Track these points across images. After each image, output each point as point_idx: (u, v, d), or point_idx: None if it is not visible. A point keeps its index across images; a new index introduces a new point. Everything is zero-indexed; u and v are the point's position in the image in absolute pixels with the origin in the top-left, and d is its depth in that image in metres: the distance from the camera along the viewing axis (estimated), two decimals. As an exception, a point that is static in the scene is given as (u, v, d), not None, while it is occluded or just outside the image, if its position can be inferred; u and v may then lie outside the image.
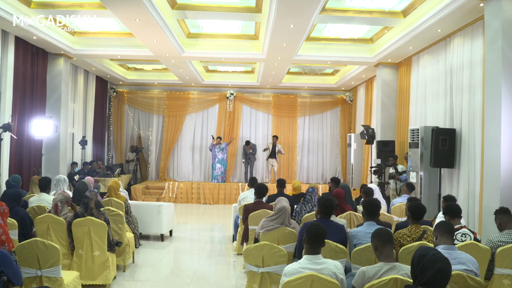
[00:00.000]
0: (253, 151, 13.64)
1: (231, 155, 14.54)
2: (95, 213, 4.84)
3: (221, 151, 13.43)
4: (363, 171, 12.67)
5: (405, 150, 9.59)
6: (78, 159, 11.76)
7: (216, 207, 12.20)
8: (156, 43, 9.26)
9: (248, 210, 5.71)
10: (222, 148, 13.45)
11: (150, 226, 7.60)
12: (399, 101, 10.26)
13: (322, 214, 4.21)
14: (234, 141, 14.49)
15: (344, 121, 14.93)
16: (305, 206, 5.77)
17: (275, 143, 13.41)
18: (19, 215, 4.81)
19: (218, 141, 13.51)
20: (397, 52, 9.33)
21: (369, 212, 4.13)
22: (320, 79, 14.16)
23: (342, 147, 14.83)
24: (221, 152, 13.42)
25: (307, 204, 5.74)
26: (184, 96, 14.79)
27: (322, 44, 10.10)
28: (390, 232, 3.08)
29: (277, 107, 14.85)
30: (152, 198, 12.47)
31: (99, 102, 13.34)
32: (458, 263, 3.06)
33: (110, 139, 14.55)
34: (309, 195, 5.80)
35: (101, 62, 11.89)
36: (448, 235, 3.24)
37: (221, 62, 11.70)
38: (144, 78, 14.14)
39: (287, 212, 4.63)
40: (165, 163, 14.59)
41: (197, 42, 10.11)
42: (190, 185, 12.85)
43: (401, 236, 3.87)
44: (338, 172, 14.93)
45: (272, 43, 8.98)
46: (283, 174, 14.54)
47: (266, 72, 12.10)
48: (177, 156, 14.81)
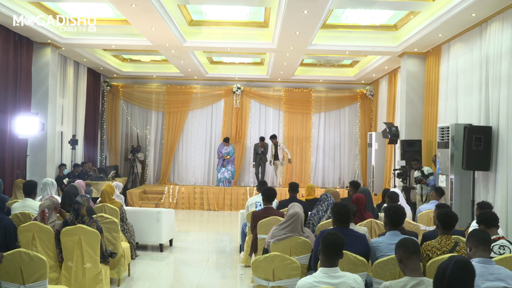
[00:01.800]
0: (265, 150, 13.63)
1: (238, 157, 14.54)
2: (87, 221, 4.84)
3: (228, 154, 13.45)
4: (385, 174, 12.59)
5: (433, 150, 9.50)
6: (67, 160, 11.82)
7: (221, 214, 12.19)
8: (155, 32, 9.26)
9: (256, 217, 5.70)
10: (228, 152, 13.45)
11: (148, 235, 7.60)
12: (426, 96, 10.18)
13: (338, 223, 4.19)
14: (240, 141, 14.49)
15: (364, 118, 14.86)
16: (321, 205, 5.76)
17: (276, 144, 13.42)
18: (3, 223, 4.73)
19: (225, 144, 13.57)
20: (424, 40, 9.23)
21: (393, 220, 4.08)
22: (337, 71, 14.09)
23: (362, 147, 14.75)
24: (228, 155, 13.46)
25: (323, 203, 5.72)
26: (186, 91, 14.81)
27: (340, 32, 10.04)
28: (417, 242, 3.03)
29: (289, 102, 14.82)
30: (150, 203, 12.50)
31: (91, 97, 13.41)
32: (496, 279, 2.99)
33: (104, 139, 14.62)
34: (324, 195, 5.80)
35: (93, 52, 11.93)
36: (484, 246, 3.17)
37: (227, 52, 11.68)
38: (141, 71, 14.18)
39: (300, 219, 4.61)
40: (165, 165, 14.63)
41: (200, 30, 10.10)
42: (192, 189, 12.86)
43: (429, 249, 3.80)
44: (357, 175, 14.86)
45: (283, 31, 8.94)
46: (296, 177, 14.51)
47: (277, 63, 12.06)
48: (178, 157, 14.84)
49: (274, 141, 13.43)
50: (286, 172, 14.56)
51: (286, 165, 14.22)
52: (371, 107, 14.79)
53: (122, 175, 14.17)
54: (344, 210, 4.15)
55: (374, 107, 14.53)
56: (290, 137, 14.67)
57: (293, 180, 12.29)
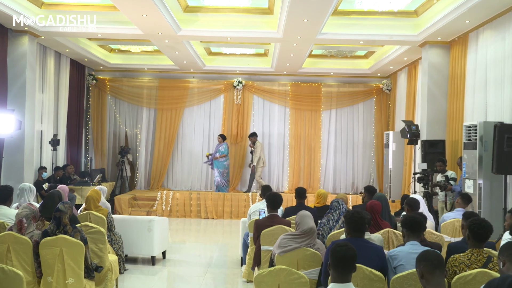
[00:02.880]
0: (257, 148, 13.65)
1: (239, 160, 14.54)
2: (69, 230, 4.82)
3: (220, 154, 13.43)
4: (404, 179, 12.56)
5: (459, 152, 9.46)
6: (47, 163, 11.81)
7: (220, 223, 12.18)
8: (146, 19, 9.25)
9: (260, 227, 5.69)
10: (223, 151, 13.43)
11: (138, 246, 7.59)
12: (451, 90, 10.14)
13: (352, 233, 4.18)
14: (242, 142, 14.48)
15: (380, 116, 14.83)
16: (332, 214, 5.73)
17: (254, 143, 13.52)
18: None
19: (219, 140, 13.57)
20: (449, 27, 9.19)
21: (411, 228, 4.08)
22: (350, 63, 14.07)
23: (378, 149, 14.72)
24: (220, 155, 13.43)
25: (334, 212, 5.70)
26: (181, 85, 14.81)
27: (353, 19, 10.02)
28: (441, 255, 3.02)
29: (296, 98, 14.80)
30: (141, 211, 12.51)
31: (75, 92, 13.41)
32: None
33: (89, 139, 14.63)
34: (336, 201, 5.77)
35: (77, 42, 11.93)
36: (520, 260, 3.14)
37: (227, 42, 11.67)
38: (130, 63, 14.20)
39: (314, 234, 4.65)
40: (158, 168, 14.63)
41: (196, 17, 10.09)
42: (188, 195, 12.86)
43: (457, 265, 3.76)
44: (372, 180, 14.82)
45: (290, 18, 8.91)
46: (303, 182, 14.49)
47: (283, 55, 12.05)
48: (173, 160, 14.83)
49: (253, 139, 13.49)
50: (292, 176, 14.56)
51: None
52: (388, 104, 14.75)
53: (109, 179, 14.18)
54: (357, 217, 4.13)
55: (391, 104, 14.50)
56: (297, 136, 14.65)
57: (300, 185, 12.29)
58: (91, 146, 14.71)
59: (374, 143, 14.86)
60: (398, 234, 5.43)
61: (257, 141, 13.56)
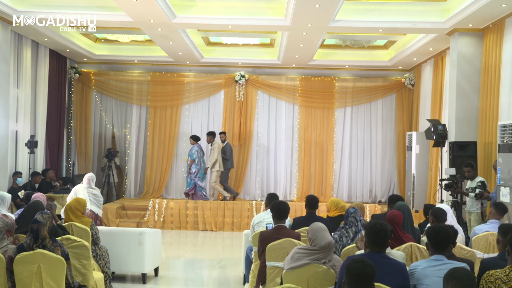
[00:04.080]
0: (225, 152, 13.54)
1: (242, 164, 14.54)
2: (49, 245, 4.81)
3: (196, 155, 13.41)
4: (429, 186, 12.55)
5: (493, 156, 9.43)
6: (23, 167, 11.78)
7: (220, 235, 12.18)
8: (136, 4, 9.25)
9: (265, 239, 5.65)
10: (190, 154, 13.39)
11: (127, 262, 7.57)
12: (483, 85, 10.11)
13: (373, 246, 4.16)
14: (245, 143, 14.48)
15: (402, 114, 14.81)
16: (347, 231, 5.69)
17: (211, 143, 13.55)
18: None
19: (191, 142, 13.58)
20: (482, 12, 9.15)
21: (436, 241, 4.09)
22: (368, 54, 14.07)
23: (399, 151, 14.71)
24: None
25: (350, 229, 5.67)
26: (176, 80, 14.83)
27: (371, 4, 10.02)
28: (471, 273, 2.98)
29: (306, 94, 14.80)
30: (131, 222, 12.50)
31: (55, 87, 13.40)
32: None
33: (71, 140, 14.64)
34: (352, 216, 5.73)
35: (57, 30, 11.86)
36: None
37: (228, 31, 11.67)
38: (118, 54, 14.22)
39: (332, 248, 4.64)
40: (150, 174, 14.63)
41: (193, 2, 10.10)
42: (183, 204, 12.85)
43: (492, 280, 3.73)
44: (393, 187, 14.80)
45: (299, 3, 8.90)
46: (315, 189, 14.48)
47: (291, 45, 12.05)
48: (166, 164, 14.80)
49: (209, 139, 13.50)
50: (302, 182, 14.57)
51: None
52: (411, 100, 14.72)
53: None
54: (379, 228, 4.13)
55: (415, 100, 14.47)
56: (308, 137, 14.63)
57: (311, 193, 12.27)
58: (73, 149, 14.72)
59: (395, 145, 14.85)
60: (423, 248, 5.40)
61: (214, 141, 13.49)
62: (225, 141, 13.66)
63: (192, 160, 13.27)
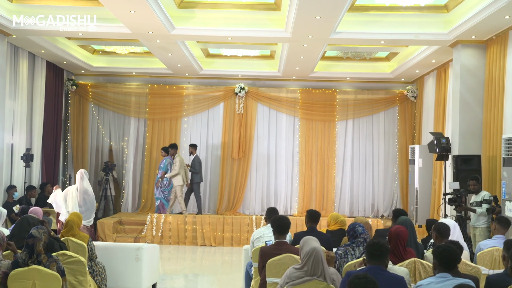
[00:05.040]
0: (194, 165, 13.47)
1: (242, 177, 14.50)
2: (44, 260, 4.78)
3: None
4: (432, 200, 12.50)
5: (497, 169, 9.41)
6: (19, 181, 11.75)
7: (219, 251, 12.13)
8: (134, 15, 9.27)
9: (265, 255, 5.62)
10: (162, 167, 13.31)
11: (124, 278, 7.51)
12: (487, 97, 10.10)
13: (370, 260, 4.20)
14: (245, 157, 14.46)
15: (404, 127, 14.81)
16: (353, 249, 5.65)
17: (174, 155, 13.40)
18: None
19: (162, 154, 13.49)
20: (485, 24, 9.17)
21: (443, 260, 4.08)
22: (370, 66, 14.10)
23: (402, 165, 14.69)
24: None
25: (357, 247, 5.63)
26: (175, 92, 14.84)
27: (373, 16, 10.04)
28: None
29: (307, 107, 14.81)
30: (128, 237, 12.47)
31: (52, 100, 13.41)
32: None
33: (68, 153, 14.63)
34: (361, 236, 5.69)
35: (54, 42, 11.96)
36: None
37: (228, 43, 11.70)
38: (116, 66, 14.24)
39: (319, 256, 4.55)
40: (148, 188, 14.59)
41: (193, 14, 10.11)
42: (182, 219, 12.79)
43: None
44: (396, 201, 14.75)
45: (300, 15, 8.91)
46: (316, 204, 14.44)
47: (292, 57, 12.07)
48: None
49: (172, 152, 13.36)
50: (303, 196, 14.53)
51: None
52: (414, 113, 14.73)
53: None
54: (378, 245, 4.18)
55: (417, 113, 14.48)
56: (309, 151, 14.63)
57: (312, 207, 12.23)
58: (70, 162, 14.71)
59: (397, 158, 14.83)
60: (426, 264, 5.36)
61: (177, 155, 13.42)
62: (194, 154, 13.59)
63: (164, 172, 13.22)
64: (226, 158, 14.61)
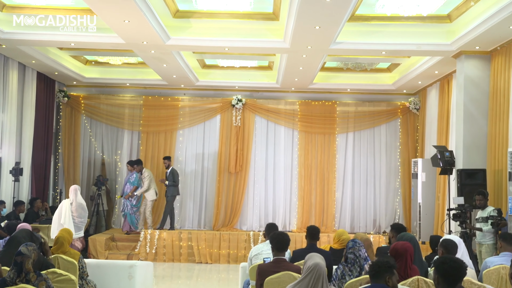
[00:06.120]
0: (173, 178, 13.42)
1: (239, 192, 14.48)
2: (33, 279, 4.75)
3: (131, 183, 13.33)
4: (436, 216, 12.50)
5: (503, 183, 9.41)
6: (7, 196, 11.72)
7: (216, 268, 12.10)
8: (128, 25, 9.29)
9: (263, 273, 5.62)
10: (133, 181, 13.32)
11: (116, 297, 7.48)
12: (492, 109, 10.12)
13: (373, 278, 4.23)
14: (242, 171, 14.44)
15: (406, 140, 14.82)
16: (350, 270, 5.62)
17: (141, 171, 13.46)
18: None
19: (129, 169, 13.59)
20: (489, 34, 9.21)
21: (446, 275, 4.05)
22: (370, 77, 14.15)
23: (404, 179, 14.68)
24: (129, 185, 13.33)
25: (353, 267, 5.60)
26: (170, 104, 14.85)
27: (374, 26, 10.08)
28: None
29: (306, 119, 14.82)
30: (121, 254, 12.43)
31: (42, 112, 13.42)
32: None
33: (58, 167, 14.59)
34: (350, 252, 5.64)
35: (46, 52, 11.95)
36: None
37: (224, 53, 11.71)
38: (110, 77, 14.24)
39: (322, 272, 4.57)
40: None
41: (188, 24, 10.14)
42: (177, 235, 12.77)
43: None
44: (398, 217, 14.71)
45: (299, 25, 8.95)
46: (315, 219, 14.40)
47: (290, 68, 12.10)
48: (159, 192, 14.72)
49: (138, 168, 13.38)
50: (302, 212, 14.48)
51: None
52: (417, 125, 14.75)
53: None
54: (382, 263, 4.20)
55: (420, 125, 14.49)
56: (308, 164, 14.61)
57: (311, 223, 12.21)
58: (61, 176, 14.67)
59: (399, 172, 14.82)
60: (430, 283, 5.34)
61: (144, 169, 13.46)
62: (170, 166, 13.54)
63: (135, 187, 13.24)
64: (222, 172, 14.57)
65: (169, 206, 13.38)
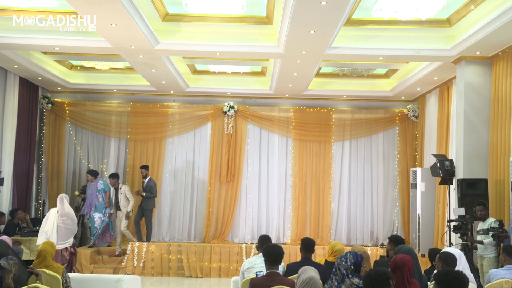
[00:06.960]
0: (151, 189, 13.40)
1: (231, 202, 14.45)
2: (14, 294, 4.71)
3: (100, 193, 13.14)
4: (436, 227, 12.52)
5: (505, 194, 9.43)
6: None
7: (206, 283, 12.08)
8: (116, 29, 9.28)
9: (256, 287, 5.60)
10: (102, 188, 13.12)
11: (101, 313, 7.44)
12: (493, 117, 10.16)
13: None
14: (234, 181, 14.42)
15: (405, 149, 14.86)
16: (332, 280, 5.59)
17: (117, 186, 13.32)
18: None
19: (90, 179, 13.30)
20: (490, 39, 9.24)
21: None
22: (368, 83, 14.19)
23: (403, 189, 14.71)
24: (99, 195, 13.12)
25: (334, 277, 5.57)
26: (159, 111, 14.85)
27: (371, 30, 10.11)
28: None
29: (301, 127, 14.84)
30: (107, 268, 12.37)
31: (25, 119, 13.36)
32: None
33: (41, 177, 14.53)
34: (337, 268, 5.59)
35: (28, 56, 11.92)
36: None
37: (216, 58, 11.71)
38: (96, 82, 14.22)
39: (315, 286, 4.51)
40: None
41: (178, 27, 10.15)
42: (166, 247, 12.73)
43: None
44: (396, 228, 14.73)
45: (293, 29, 8.96)
46: (310, 231, 14.41)
47: (284, 74, 12.12)
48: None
49: (113, 182, 13.26)
50: (296, 223, 14.49)
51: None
52: (415, 133, 14.80)
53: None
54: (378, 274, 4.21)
55: (419, 134, 14.54)
56: (302, 174, 14.62)
57: (306, 235, 12.18)
58: (44, 186, 14.61)
59: (397, 182, 14.86)
60: (431, 298, 5.33)
61: (120, 184, 13.36)
62: (147, 176, 13.53)
63: (108, 191, 13.10)
64: (213, 181, 14.56)
65: (149, 218, 13.41)
